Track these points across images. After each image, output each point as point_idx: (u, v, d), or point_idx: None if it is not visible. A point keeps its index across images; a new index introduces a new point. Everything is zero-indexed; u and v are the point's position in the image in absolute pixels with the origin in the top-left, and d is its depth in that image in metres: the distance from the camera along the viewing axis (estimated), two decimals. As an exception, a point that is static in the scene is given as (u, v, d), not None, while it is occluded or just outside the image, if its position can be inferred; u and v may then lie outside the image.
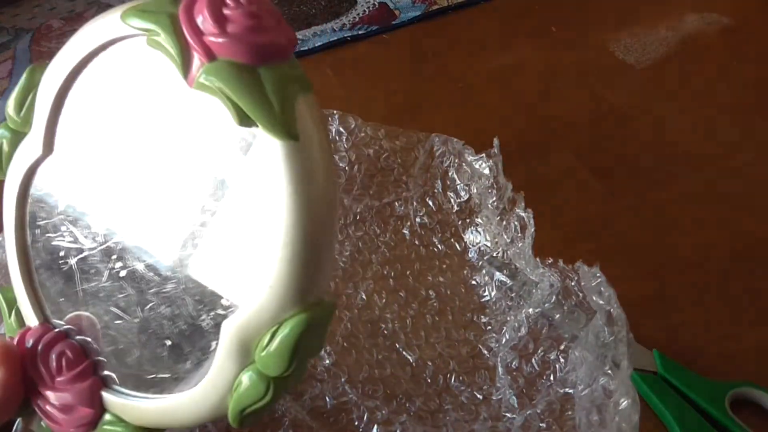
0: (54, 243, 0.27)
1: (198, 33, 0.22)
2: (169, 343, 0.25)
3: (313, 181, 0.22)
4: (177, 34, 0.22)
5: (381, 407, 0.35)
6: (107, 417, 0.26)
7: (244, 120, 0.21)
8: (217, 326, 0.23)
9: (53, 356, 0.26)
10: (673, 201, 0.46)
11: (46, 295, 0.27)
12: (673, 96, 0.54)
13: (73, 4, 0.67)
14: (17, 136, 0.27)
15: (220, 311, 0.24)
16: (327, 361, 0.37)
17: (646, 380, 0.35)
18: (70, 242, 0.27)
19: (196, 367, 0.24)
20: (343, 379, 0.36)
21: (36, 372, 0.26)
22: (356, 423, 0.34)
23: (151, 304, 0.25)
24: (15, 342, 0.27)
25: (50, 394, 0.26)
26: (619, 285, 0.32)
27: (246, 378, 0.23)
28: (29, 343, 0.26)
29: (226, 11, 0.22)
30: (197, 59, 0.22)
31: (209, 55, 0.21)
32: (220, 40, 0.21)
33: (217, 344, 0.23)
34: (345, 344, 0.38)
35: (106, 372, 0.26)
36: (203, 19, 0.22)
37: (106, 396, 0.26)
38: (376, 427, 0.34)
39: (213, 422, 0.33)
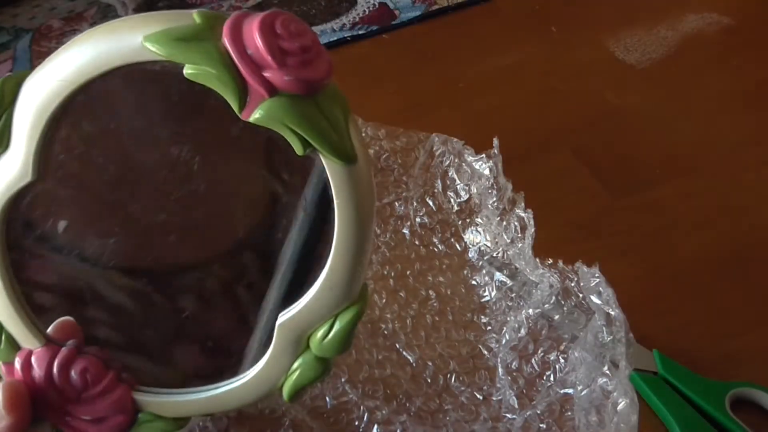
0: (60, 264, 0.26)
1: (254, 68, 0.21)
2: (210, 344, 0.26)
3: (365, 196, 0.23)
4: (230, 68, 0.21)
5: (381, 407, 0.35)
6: (142, 416, 0.26)
7: (307, 148, 0.22)
8: (269, 324, 0.25)
9: (74, 374, 0.25)
10: (673, 201, 0.46)
11: (45, 315, 0.26)
12: (673, 96, 0.54)
13: (73, 4, 0.67)
14: None
15: (276, 311, 0.25)
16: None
17: (646, 380, 0.35)
18: (79, 263, 0.26)
19: (243, 361, 0.26)
20: (343, 379, 0.36)
21: (57, 393, 0.25)
22: (356, 423, 0.34)
23: (186, 313, 0.25)
24: (18, 365, 0.25)
25: (78, 410, 0.25)
26: (619, 285, 0.32)
27: (303, 363, 0.25)
28: (39, 367, 0.25)
29: (282, 44, 0.21)
30: (255, 94, 0.21)
31: (271, 90, 0.21)
32: (285, 77, 0.21)
33: (267, 339, 0.25)
34: (345, 344, 0.38)
35: (133, 376, 0.26)
36: (257, 53, 0.21)
37: (140, 398, 0.26)
38: (376, 427, 0.34)
39: (213, 422, 0.33)
